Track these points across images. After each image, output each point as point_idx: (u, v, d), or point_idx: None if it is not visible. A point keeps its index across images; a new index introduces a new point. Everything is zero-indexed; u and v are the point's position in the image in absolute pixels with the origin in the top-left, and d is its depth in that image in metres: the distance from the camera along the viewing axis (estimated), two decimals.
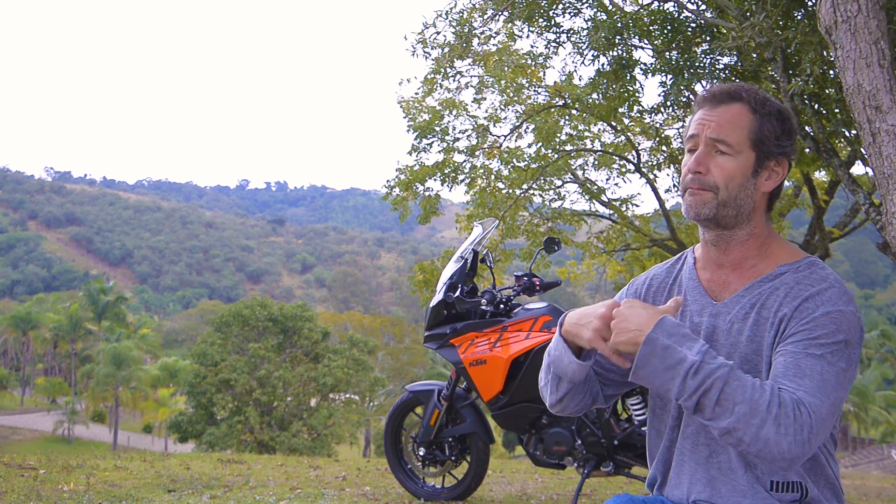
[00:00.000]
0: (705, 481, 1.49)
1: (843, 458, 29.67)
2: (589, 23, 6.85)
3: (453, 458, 4.07)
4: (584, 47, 6.97)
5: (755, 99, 1.48)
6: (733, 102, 1.47)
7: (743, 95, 1.48)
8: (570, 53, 13.42)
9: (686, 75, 5.98)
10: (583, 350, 1.54)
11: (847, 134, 5.45)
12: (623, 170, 10.57)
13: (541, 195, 10.90)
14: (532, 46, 10.15)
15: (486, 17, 8.18)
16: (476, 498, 4.35)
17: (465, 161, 10.15)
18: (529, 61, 9.32)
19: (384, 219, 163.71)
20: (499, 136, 10.05)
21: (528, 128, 10.03)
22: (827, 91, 5.43)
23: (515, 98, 10.00)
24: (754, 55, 5.85)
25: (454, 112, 9.92)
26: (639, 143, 10.36)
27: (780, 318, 1.42)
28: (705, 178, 1.46)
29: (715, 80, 6.28)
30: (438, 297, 4.02)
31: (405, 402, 4.27)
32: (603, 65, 6.83)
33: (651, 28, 6.54)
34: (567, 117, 10.10)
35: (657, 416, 1.61)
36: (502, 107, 10.14)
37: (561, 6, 7.32)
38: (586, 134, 10.64)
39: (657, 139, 9.46)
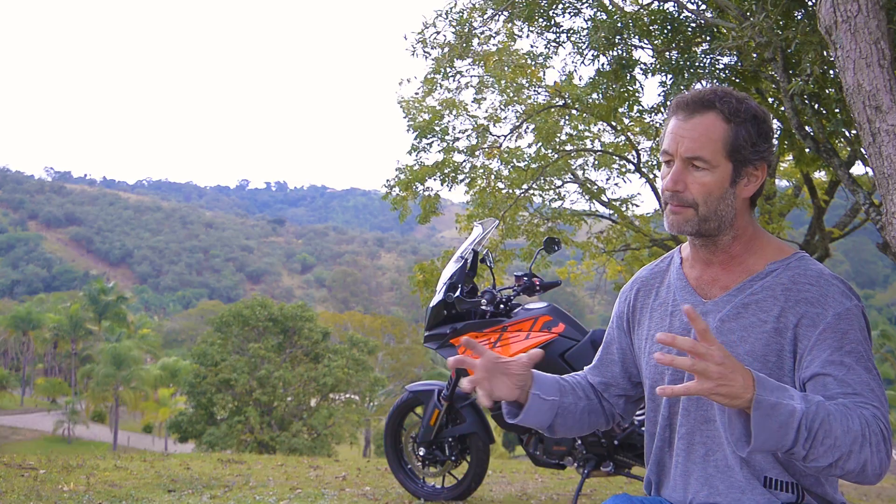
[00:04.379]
0: (703, 480, 1.48)
1: None
2: (589, 23, 6.85)
3: (453, 458, 4.07)
4: (584, 47, 6.97)
5: (728, 107, 1.43)
6: (706, 111, 1.43)
7: (716, 104, 1.43)
8: (570, 53, 13.43)
9: (686, 75, 5.98)
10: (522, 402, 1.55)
11: (847, 134, 5.46)
12: (623, 170, 10.58)
13: (541, 195, 10.91)
14: (532, 46, 10.15)
15: (486, 17, 8.19)
16: (476, 498, 4.35)
17: (465, 161, 10.15)
18: (529, 61, 9.32)
19: (384, 219, 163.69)
20: (499, 136, 10.06)
21: (528, 128, 10.04)
22: (827, 91, 5.43)
23: (515, 98, 10.00)
24: (754, 55, 5.85)
25: (454, 112, 9.92)
26: (639, 143, 10.37)
27: (786, 325, 1.40)
28: (683, 195, 1.44)
29: (715, 81, 6.28)
30: (438, 297, 4.02)
31: (405, 402, 4.26)
32: (603, 65, 6.83)
33: (651, 28, 6.54)
34: (567, 117, 10.10)
35: (650, 418, 1.61)
36: (502, 107, 10.15)
37: (561, 6, 7.33)
38: (586, 134, 10.64)
39: (657, 139, 9.46)
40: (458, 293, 3.94)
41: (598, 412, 1.67)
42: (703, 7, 6.58)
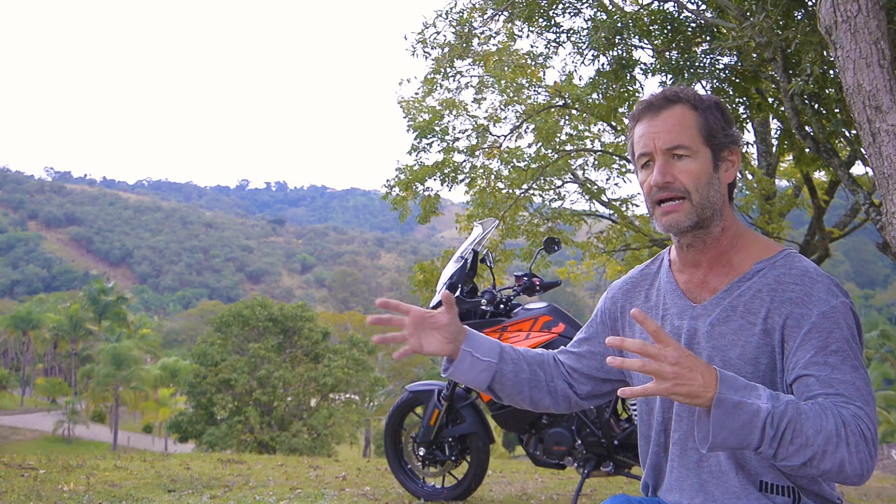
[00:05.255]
0: (697, 486, 1.47)
1: None
2: (589, 23, 6.84)
3: (453, 458, 4.07)
4: (584, 47, 6.96)
5: (692, 97, 1.46)
6: (673, 105, 1.45)
7: (680, 96, 1.46)
8: (570, 53, 13.45)
9: (686, 75, 5.98)
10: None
11: (847, 134, 5.45)
12: (623, 170, 10.56)
13: (541, 195, 10.89)
14: (532, 46, 10.17)
15: (486, 17, 8.18)
16: (476, 498, 4.35)
17: (465, 161, 10.14)
18: (529, 61, 9.31)
19: (384, 219, 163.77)
20: (499, 136, 10.05)
21: (528, 128, 10.03)
22: (827, 91, 5.43)
23: (515, 98, 9.99)
24: (754, 55, 5.85)
25: (454, 112, 9.91)
26: None
27: (773, 326, 1.39)
28: (674, 185, 1.43)
29: (715, 81, 6.28)
30: (438, 297, 4.02)
31: (405, 402, 4.26)
32: (603, 65, 6.82)
33: (651, 28, 6.54)
34: (567, 117, 10.09)
35: (644, 421, 1.60)
36: (502, 107, 10.14)
37: (561, 6, 7.32)
38: (586, 134, 10.63)
39: None
40: (458, 293, 3.94)
41: (542, 390, 1.64)
42: (703, 7, 6.58)
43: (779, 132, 6.32)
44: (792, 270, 1.42)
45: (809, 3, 5.35)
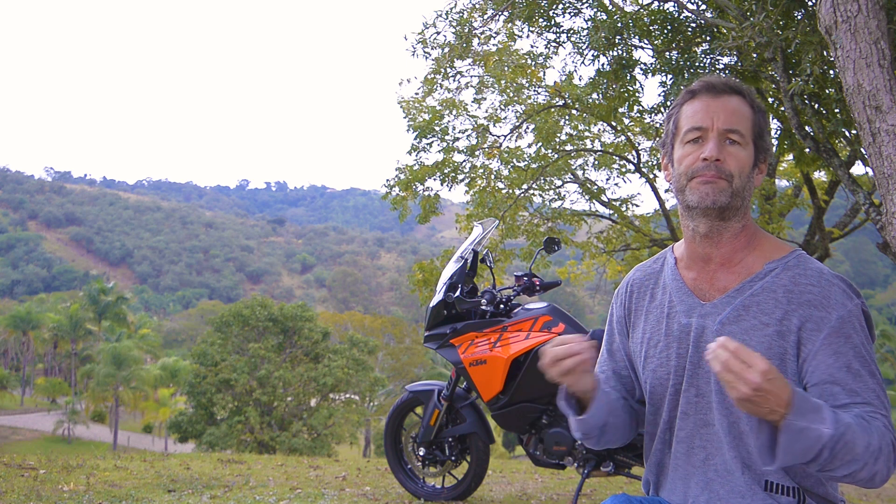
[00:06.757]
0: (703, 485, 1.47)
1: None
2: (589, 23, 6.84)
3: (453, 458, 4.07)
4: (584, 47, 6.96)
5: (751, 95, 1.49)
6: (734, 95, 1.47)
7: (742, 90, 1.48)
8: (570, 53, 13.43)
9: (686, 75, 5.97)
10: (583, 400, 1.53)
11: (847, 134, 5.45)
12: (623, 170, 10.57)
13: (541, 195, 10.90)
14: (532, 46, 10.17)
15: (486, 17, 8.18)
16: (476, 498, 4.35)
17: (464, 161, 10.14)
18: (529, 61, 9.32)
19: (384, 219, 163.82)
20: (499, 136, 10.06)
21: (528, 128, 10.04)
22: (827, 91, 5.42)
23: (515, 98, 10.00)
24: (754, 55, 5.85)
25: (454, 112, 9.91)
26: (639, 143, 10.36)
27: (789, 328, 1.39)
28: (722, 165, 1.43)
29: None
30: (438, 297, 4.02)
31: (405, 402, 4.26)
32: (603, 65, 6.82)
33: (651, 28, 6.54)
34: (567, 117, 10.10)
35: (650, 420, 1.59)
36: (502, 107, 10.14)
37: (561, 6, 7.32)
38: (586, 134, 10.64)
39: (657, 139, 9.46)
40: (458, 293, 3.93)
41: (635, 415, 1.66)
42: (703, 7, 6.58)
43: (779, 132, 6.31)
44: (807, 271, 1.43)
45: (809, 3, 5.35)
